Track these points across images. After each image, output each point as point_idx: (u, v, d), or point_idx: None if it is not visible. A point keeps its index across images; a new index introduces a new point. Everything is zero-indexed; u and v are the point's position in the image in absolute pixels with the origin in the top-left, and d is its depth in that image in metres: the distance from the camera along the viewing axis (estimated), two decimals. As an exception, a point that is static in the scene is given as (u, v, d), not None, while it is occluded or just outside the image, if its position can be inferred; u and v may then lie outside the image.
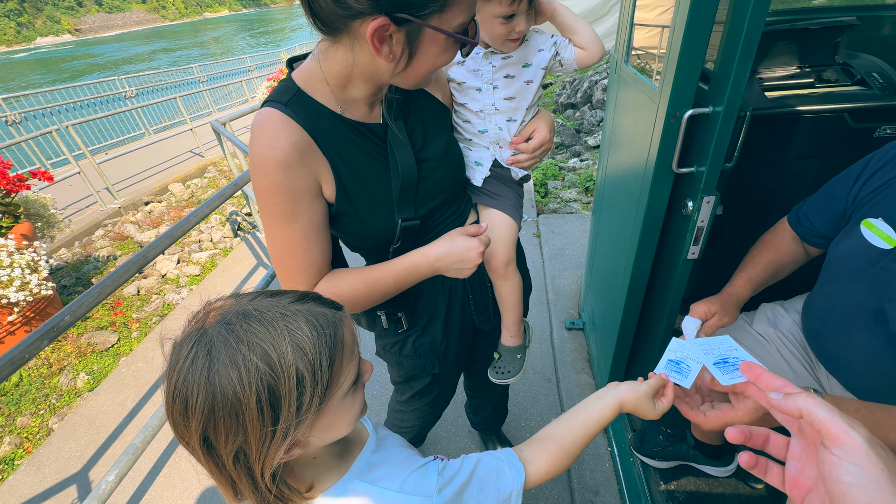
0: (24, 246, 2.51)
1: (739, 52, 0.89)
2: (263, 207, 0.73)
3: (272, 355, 0.44)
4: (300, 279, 0.78)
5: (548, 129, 0.94)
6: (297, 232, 0.74)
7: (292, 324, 0.47)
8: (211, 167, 6.19)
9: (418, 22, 0.60)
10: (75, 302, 1.20)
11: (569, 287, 2.60)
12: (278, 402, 0.45)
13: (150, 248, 1.47)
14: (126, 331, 2.94)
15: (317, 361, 0.47)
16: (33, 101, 8.63)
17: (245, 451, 0.46)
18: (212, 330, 0.45)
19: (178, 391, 0.44)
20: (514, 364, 1.11)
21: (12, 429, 2.29)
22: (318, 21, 0.62)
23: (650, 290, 1.44)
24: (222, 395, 0.43)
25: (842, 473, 0.36)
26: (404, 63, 0.65)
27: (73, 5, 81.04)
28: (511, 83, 0.89)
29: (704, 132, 1.04)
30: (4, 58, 57.54)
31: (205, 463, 0.48)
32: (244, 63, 13.26)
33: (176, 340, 0.47)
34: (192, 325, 0.47)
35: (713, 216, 1.12)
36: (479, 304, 1.07)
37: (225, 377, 0.43)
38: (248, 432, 0.44)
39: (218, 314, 0.47)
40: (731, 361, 0.66)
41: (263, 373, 0.44)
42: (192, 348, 0.45)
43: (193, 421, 0.44)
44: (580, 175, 3.98)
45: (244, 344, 0.44)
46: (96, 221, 4.66)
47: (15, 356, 1.03)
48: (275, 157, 0.68)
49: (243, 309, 0.47)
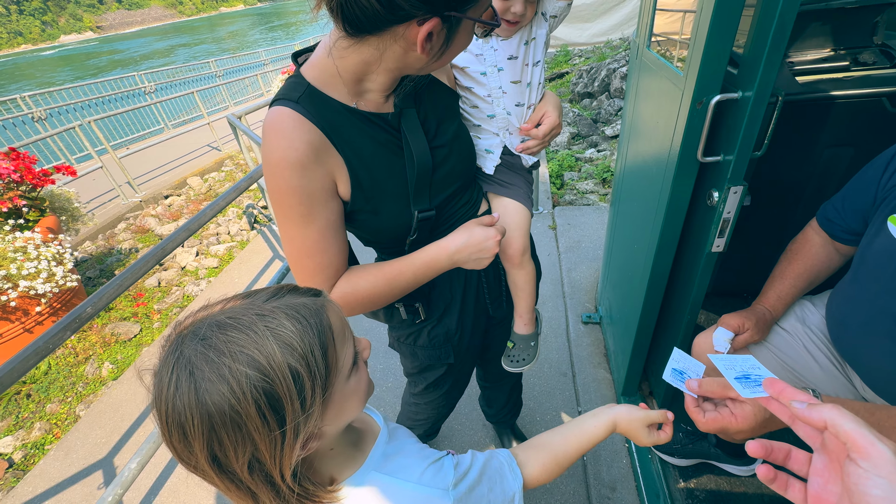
0: (49, 239, 2.59)
1: (773, 33, 0.84)
2: (279, 209, 0.72)
3: (260, 360, 0.42)
4: (319, 279, 0.77)
5: (557, 113, 0.92)
6: (314, 233, 0.73)
7: (272, 322, 0.44)
8: (228, 161, 6.27)
9: (463, 16, 0.60)
10: (96, 293, 1.22)
11: (585, 280, 2.55)
12: (279, 403, 0.43)
13: (168, 240, 1.49)
14: (148, 321, 3.02)
15: (309, 354, 0.45)
16: (57, 97, 8.87)
17: (259, 459, 0.44)
18: (188, 350, 0.42)
19: (172, 420, 0.42)
20: (528, 352, 1.11)
21: (42, 415, 2.38)
22: (346, 23, 0.60)
23: (671, 283, 1.39)
24: (219, 413, 0.41)
25: (870, 486, 0.35)
26: (438, 55, 0.65)
27: (94, 3, 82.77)
28: (515, 64, 0.86)
29: (733, 119, 0.99)
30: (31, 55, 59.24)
31: (219, 482, 0.46)
32: (259, 57, 13.35)
33: (154, 369, 0.45)
34: (166, 349, 0.44)
35: (740, 207, 1.07)
36: (493, 293, 1.07)
37: (216, 394, 0.41)
38: (257, 441, 0.43)
39: (190, 331, 0.44)
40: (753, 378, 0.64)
41: (255, 379, 0.42)
42: (171, 373, 0.42)
43: (196, 444, 0.42)
44: (597, 166, 3.90)
45: (226, 356, 0.42)
46: (118, 215, 4.77)
47: (40, 346, 1.06)
48: (290, 158, 0.66)
49: (216, 320, 0.44)
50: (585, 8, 8.60)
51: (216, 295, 0.49)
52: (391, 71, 0.68)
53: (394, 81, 0.72)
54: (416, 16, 0.57)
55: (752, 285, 1.17)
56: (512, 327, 1.13)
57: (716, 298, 2.10)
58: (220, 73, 11.72)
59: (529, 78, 0.89)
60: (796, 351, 1.12)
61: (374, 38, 0.61)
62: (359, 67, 0.67)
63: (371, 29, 0.59)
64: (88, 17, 79.25)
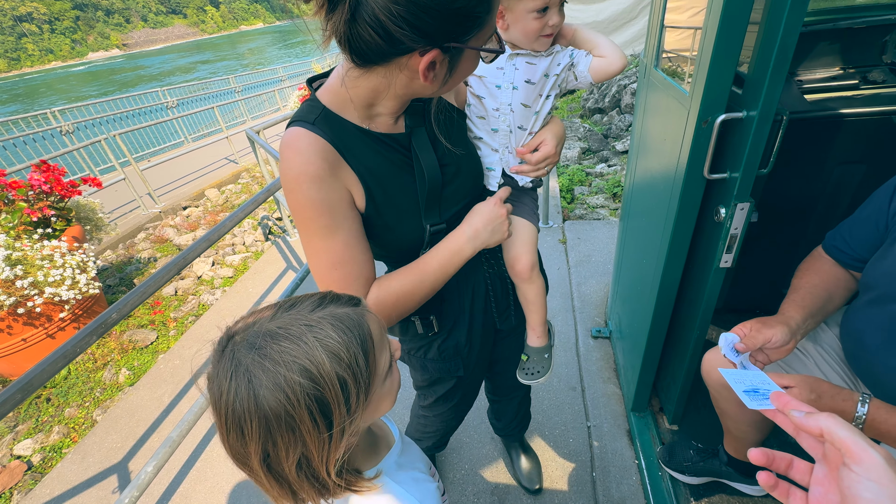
0: (74, 247, 2.68)
1: (775, 55, 0.87)
2: (302, 224, 0.74)
3: (311, 369, 0.45)
4: (351, 291, 0.77)
5: (554, 143, 0.93)
6: (339, 243, 0.75)
7: (320, 333, 0.48)
8: (244, 173, 6.43)
9: (463, 46, 0.63)
10: (121, 300, 1.28)
11: (595, 294, 2.55)
12: (328, 409, 0.47)
13: (189, 250, 1.55)
14: (164, 329, 3.09)
15: (354, 363, 0.49)
16: (84, 112, 9.23)
17: (307, 458, 0.48)
18: (245, 359, 0.46)
19: (231, 422, 0.46)
20: (542, 364, 1.12)
21: (61, 419, 2.44)
22: (354, 55, 0.63)
23: (680, 298, 1.40)
24: (276, 417, 0.45)
25: (861, 489, 0.38)
26: (443, 82, 0.68)
27: (121, 22, 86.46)
28: (530, 90, 0.89)
29: (738, 137, 1.02)
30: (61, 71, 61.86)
31: (264, 479, 0.49)
32: (277, 73, 13.75)
33: (210, 375, 0.48)
34: (221, 356, 0.47)
35: (747, 223, 1.08)
36: (501, 305, 1.08)
37: (273, 401, 0.44)
38: (307, 442, 0.47)
39: (244, 342, 0.47)
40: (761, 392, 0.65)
41: (308, 388, 0.45)
42: (230, 380, 0.45)
43: (252, 445, 0.46)
44: (608, 181, 3.91)
45: (281, 365, 0.45)
46: (139, 225, 4.91)
47: (67, 350, 1.11)
48: (308, 172, 0.70)
49: (267, 329, 0.47)
50: (595, 26, 8.71)
51: (231, 304, 0.53)
52: (399, 97, 0.72)
53: (403, 105, 0.76)
54: (417, 48, 0.60)
55: (764, 302, 1.17)
56: (525, 340, 1.14)
57: (727, 315, 2.08)
58: (239, 89, 12.09)
59: (539, 108, 0.91)
60: (808, 369, 1.11)
61: (381, 67, 0.65)
62: (369, 94, 0.71)
63: (377, 60, 0.63)
64: (115, 35, 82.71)
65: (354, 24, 0.58)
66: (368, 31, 0.58)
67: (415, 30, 0.57)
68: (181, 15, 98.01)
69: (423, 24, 0.57)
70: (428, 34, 0.58)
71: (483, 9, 0.60)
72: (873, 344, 0.94)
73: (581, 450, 1.74)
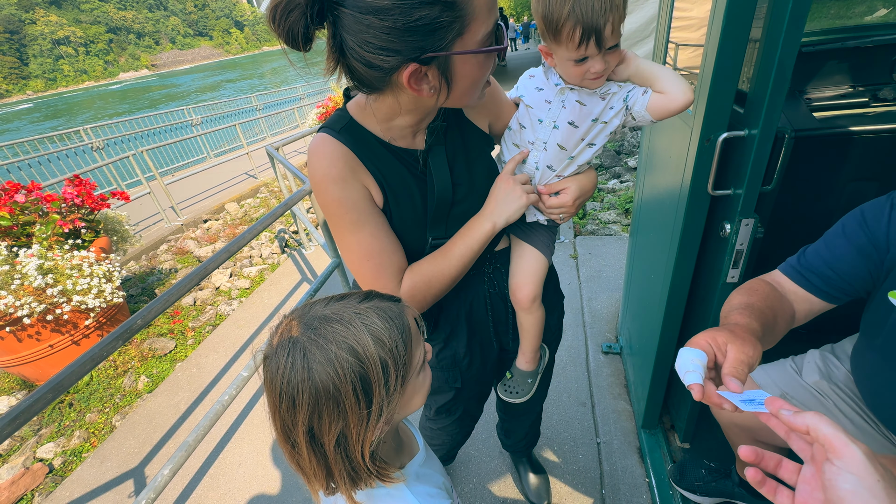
0: (101, 258, 2.80)
1: (774, 76, 0.90)
2: (332, 221, 0.80)
3: (358, 349, 0.52)
4: (384, 278, 0.81)
5: (575, 195, 0.88)
6: (367, 235, 0.80)
7: (367, 320, 0.54)
8: (263, 188, 6.61)
9: (443, 55, 0.63)
10: (146, 308, 1.34)
11: (606, 310, 2.54)
12: (370, 387, 0.52)
13: (210, 261, 1.62)
14: (182, 338, 3.17)
15: (395, 348, 0.54)
16: (114, 129, 9.67)
17: (345, 435, 0.53)
18: (302, 337, 0.52)
19: (285, 392, 0.52)
20: (523, 387, 1.13)
21: (82, 424, 2.51)
22: (362, 86, 0.69)
23: (689, 314, 1.40)
24: (324, 389, 0.51)
25: (840, 481, 0.40)
26: (446, 91, 0.69)
27: (151, 44, 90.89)
28: (571, 133, 0.84)
29: (741, 155, 1.04)
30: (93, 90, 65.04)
31: (305, 454, 0.54)
32: (296, 92, 14.20)
33: (268, 352, 0.54)
34: (280, 335, 0.54)
35: (753, 239, 1.10)
36: (501, 326, 1.08)
37: (324, 374, 0.51)
38: (349, 417, 0.52)
39: (301, 322, 0.54)
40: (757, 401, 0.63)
41: (354, 365, 0.51)
42: (288, 355, 0.52)
43: (301, 415, 0.52)
44: (619, 196, 3.92)
45: (333, 344, 0.51)
46: (161, 237, 5.09)
47: (95, 353, 1.17)
48: (331, 174, 0.76)
49: (322, 314, 0.54)
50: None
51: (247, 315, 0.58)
52: (412, 112, 0.77)
53: (420, 120, 0.81)
54: (396, 67, 0.63)
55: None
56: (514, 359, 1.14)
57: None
58: (261, 107, 12.51)
59: (576, 152, 0.86)
60: (829, 411, 1.05)
61: (387, 89, 0.70)
62: (386, 113, 0.77)
63: (378, 85, 0.69)
64: (145, 57, 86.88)
65: (346, 61, 0.65)
66: (357, 64, 0.64)
67: (386, 51, 0.61)
68: (207, 37, 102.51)
69: (391, 44, 0.60)
70: (398, 52, 0.61)
71: (450, 16, 0.60)
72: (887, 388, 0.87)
73: (590, 466, 1.73)
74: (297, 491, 1.85)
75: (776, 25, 0.87)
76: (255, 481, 1.93)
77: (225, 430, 2.22)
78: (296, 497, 1.83)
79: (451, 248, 0.84)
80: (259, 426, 2.22)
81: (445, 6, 0.59)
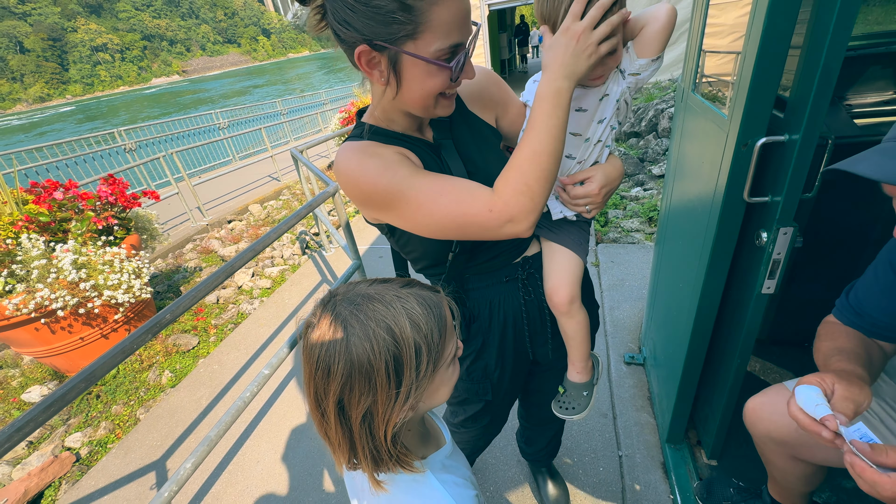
0: (132, 254, 2.90)
1: (818, 79, 0.86)
2: (392, 197, 0.73)
3: (395, 330, 0.53)
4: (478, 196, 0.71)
5: (600, 184, 0.84)
6: (427, 178, 0.74)
7: (407, 304, 0.56)
8: (286, 190, 6.74)
9: (393, 48, 0.67)
10: (174, 303, 1.37)
11: (629, 319, 2.49)
12: (401, 368, 0.54)
13: (236, 259, 1.65)
14: (205, 335, 3.24)
15: (430, 334, 0.56)
16: (146, 132, 10.03)
17: (372, 413, 0.55)
18: (344, 311, 0.55)
19: (322, 360, 0.54)
20: (579, 401, 1.05)
21: (108, 415, 2.59)
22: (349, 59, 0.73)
23: (720, 326, 1.35)
24: (358, 363, 0.52)
25: None
26: (394, 87, 0.72)
27: (182, 51, 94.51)
28: (580, 118, 0.84)
29: (779, 161, 1.00)
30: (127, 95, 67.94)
31: (333, 425, 0.56)
32: (319, 97, 14.49)
33: (311, 321, 0.57)
34: (324, 309, 0.57)
35: (791, 249, 1.05)
36: (537, 336, 1.03)
37: (360, 348, 0.52)
38: (378, 393, 0.53)
39: (345, 298, 0.57)
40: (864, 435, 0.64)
41: (389, 344, 0.53)
42: (330, 326, 0.54)
43: (333, 385, 0.53)
44: (643, 204, 3.84)
45: (372, 321, 0.53)
46: (187, 236, 5.23)
47: (126, 345, 1.20)
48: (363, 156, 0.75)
49: (366, 293, 0.57)
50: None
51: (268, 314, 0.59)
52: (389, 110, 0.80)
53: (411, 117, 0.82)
54: (355, 44, 0.68)
55: (813, 333, 1.10)
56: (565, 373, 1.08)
57: (773, 347, 1.98)
58: (285, 112, 12.81)
59: (590, 134, 0.85)
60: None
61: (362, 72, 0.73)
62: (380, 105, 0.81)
63: (353, 61, 0.71)
64: (177, 63, 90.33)
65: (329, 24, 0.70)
66: (333, 34, 0.70)
67: (347, 26, 0.66)
68: (236, 44, 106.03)
69: (351, 20, 0.65)
70: (356, 29, 0.66)
71: (404, 17, 0.63)
72: None
73: (611, 479, 1.68)
74: (313, 491, 1.86)
75: (822, 27, 0.84)
76: (272, 479, 1.94)
77: (244, 427, 2.25)
78: (312, 497, 1.83)
79: (534, 124, 0.71)
80: (277, 424, 2.24)
81: (402, 6, 0.63)
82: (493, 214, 0.71)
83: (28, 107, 68.40)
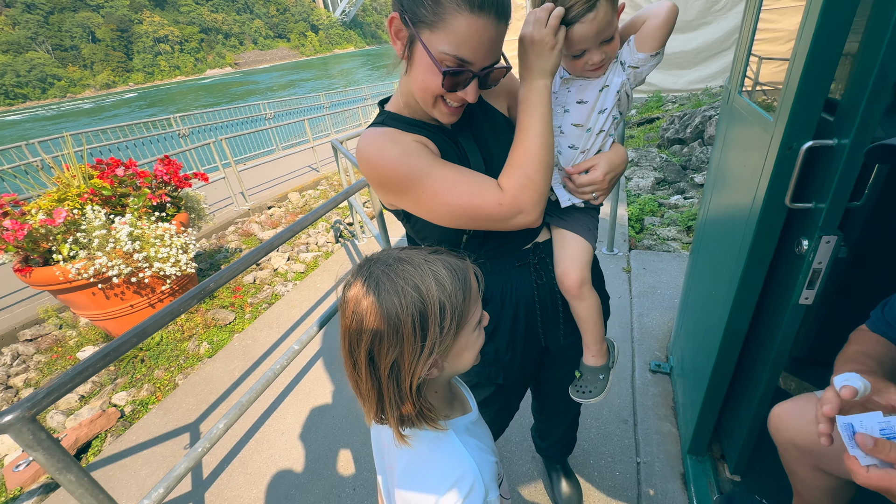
0: (181, 231, 3.09)
1: (873, 81, 0.83)
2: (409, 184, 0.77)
3: (421, 288, 0.59)
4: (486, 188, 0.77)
5: (604, 171, 0.88)
6: (443, 167, 0.78)
7: (434, 267, 0.61)
8: (323, 181, 6.96)
9: (413, 30, 0.71)
10: (217, 274, 1.47)
11: (657, 327, 2.43)
12: (426, 323, 0.59)
13: (275, 238, 1.74)
14: (241, 312, 3.41)
15: (454, 295, 0.61)
16: (199, 118, 10.60)
17: (399, 364, 0.60)
18: (377, 271, 0.61)
19: (356, 313, 0.59)
20: (595, 384, 1.08)
21: (150, 379, 2.78)
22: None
23: (752, 336, 1.31)
24: (387, 316, 0.58)
25: None
26: (405, 65, 0.77)
27: (235, 44, 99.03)
28: (582, 108, 0.87)
29: (826, 166, 0.97)
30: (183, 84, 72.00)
31: (364, 374, 0.61)
32: (362, 92, 14.82)
33: (348, 280, 0.63)
34: (361, 269, 0.63)
35: (833, 259, 1.01)
36: (548, 323, 1.05)
37: (390, 303, 0.58)
38: (404, 345, 0.59)
39: (379, 260, 0.63)
40: None
41: (416, 300, 0.58)
42: (364, 284, 0.60)
43: (365, 336, 0.59)
44: (682, 213, 3.72)
45: (401, 279, 0.59)
46: (230, 219, 5.50)
47: (173, 308, 1.30)
48: (383, 142, 0.79)
49: (397, 255, 0.63)
50: (682, 56, 8.41)
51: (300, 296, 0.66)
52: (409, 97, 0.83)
53: None
54: (394, 7, 0.72)
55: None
56: (581, 358, 1.10)
57: (812, 367, 1.88)
58: (328, 105, 13.18)
59: (592, 124, 0.88)
60: None
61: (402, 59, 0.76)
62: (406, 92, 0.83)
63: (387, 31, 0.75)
64: (230, 55, 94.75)
65: None
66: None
67: None
68: (285, 39, 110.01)
69: None
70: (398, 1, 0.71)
71: (431, 8, 0.67)
72: None
73: (627, 485, 1.66)
74: (331, 465, 1.93)
75: (880, 26, 0.81)
76: (294, 451, 2.04)
77: (271, 399, 2.37)
78: (330, 470, 1.91)
79: (522, 126, 0.79)
80: (302, 400, 2.34)
81: None
82: (504, 208, 0.77)
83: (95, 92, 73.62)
